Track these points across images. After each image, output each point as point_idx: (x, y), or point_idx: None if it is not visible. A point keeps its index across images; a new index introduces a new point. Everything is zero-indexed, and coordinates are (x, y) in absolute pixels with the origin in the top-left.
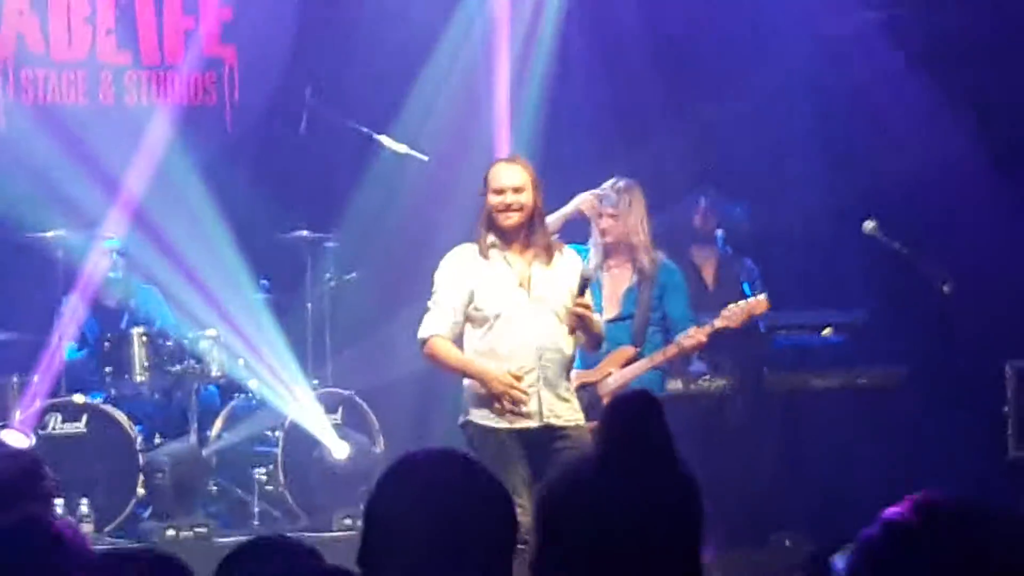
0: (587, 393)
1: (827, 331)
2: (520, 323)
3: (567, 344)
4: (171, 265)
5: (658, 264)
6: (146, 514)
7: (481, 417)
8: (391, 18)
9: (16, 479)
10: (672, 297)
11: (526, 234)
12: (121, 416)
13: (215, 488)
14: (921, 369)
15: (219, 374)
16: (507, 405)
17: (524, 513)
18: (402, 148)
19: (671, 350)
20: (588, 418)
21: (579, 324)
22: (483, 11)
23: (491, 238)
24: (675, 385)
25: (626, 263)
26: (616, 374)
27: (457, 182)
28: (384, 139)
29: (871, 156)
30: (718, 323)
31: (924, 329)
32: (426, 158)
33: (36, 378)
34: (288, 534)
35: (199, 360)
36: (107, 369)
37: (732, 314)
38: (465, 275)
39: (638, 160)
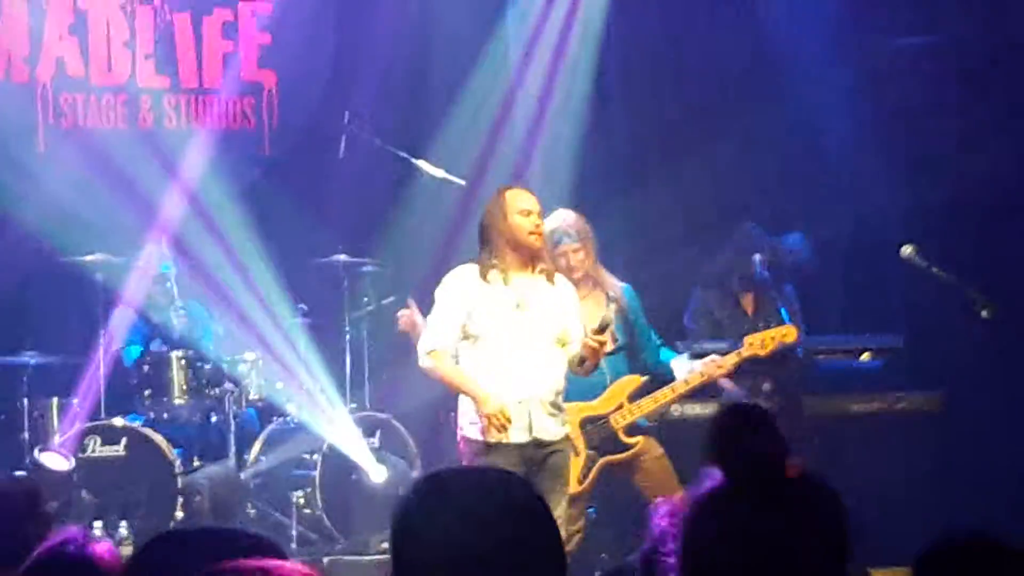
0: (597, 427)
1: (866, 356)
2: (515, 343)
3: (559, 364)
4: (210, 289)
5: (621, 289)
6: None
7: (476, 432)
8: (429, 42)
9: (16, 503)
10: (640, 318)
11: (537, 257)
12: (160, 439)
13: (253, 511)
14: (959, 395)
15: (257, 397)
16: (492, 428)
17: None
18: (439, 173)
19: (695, 379)
20: (602, 452)
21: (590, 355)
22: (520, 37)
23: (495, 260)
24: (709, 410)
25: (595, 293)
26: (637, 406)
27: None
28: (422, 164)
29: (910, 179)
30: (744, 352)
31: (963, 354)
32: (463, 183)
33: (76, 401)
34: (326, 557)
35: (238, 383)
36: (146, 392)
37: (759, 343)
38: (465, 294)
39: (670, 191)
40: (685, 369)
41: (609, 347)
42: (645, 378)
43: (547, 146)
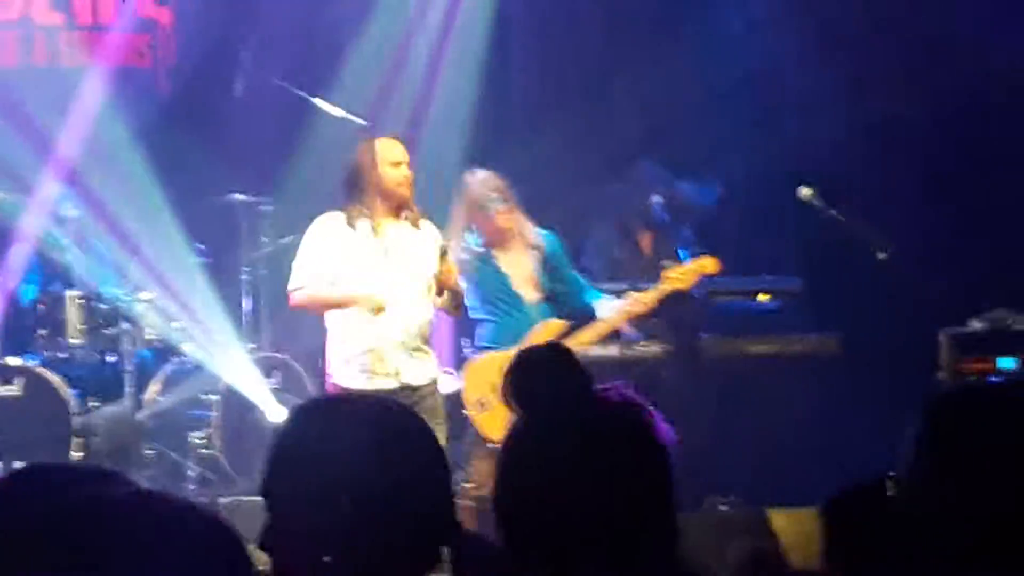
0: None
1: (763, 297)
2: (384, 289)
3: (427, 309)
4: (106, 228)
5: (540, 237)
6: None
7: (343, 378)
8: None
9: None
10: (563, 263)
11: (404, 205)
12: (56, 379)
13: (151, 452)
14: (855, 336)
15: (154, 337)
16: (373, 311)
17: None
18: (339, 112)
19: (618, 317)
20: None
21: (442, 285)
22: None
23: (363, 208)
24: (610, 351)
25: (517, 245)
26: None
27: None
28: (320, 102)
29: (805, 121)
30: (665, 286)
31: (859, 297)
32: (364, 122)
33: None
34: (223, 498)
35: (134, 323)
36: (41, 331)
37: (681, 275)
38: (332, 241)
39: (576, 127)
40: (607, 309)
41: (455, 274)
42: (566, 323)
43: (446, 86)
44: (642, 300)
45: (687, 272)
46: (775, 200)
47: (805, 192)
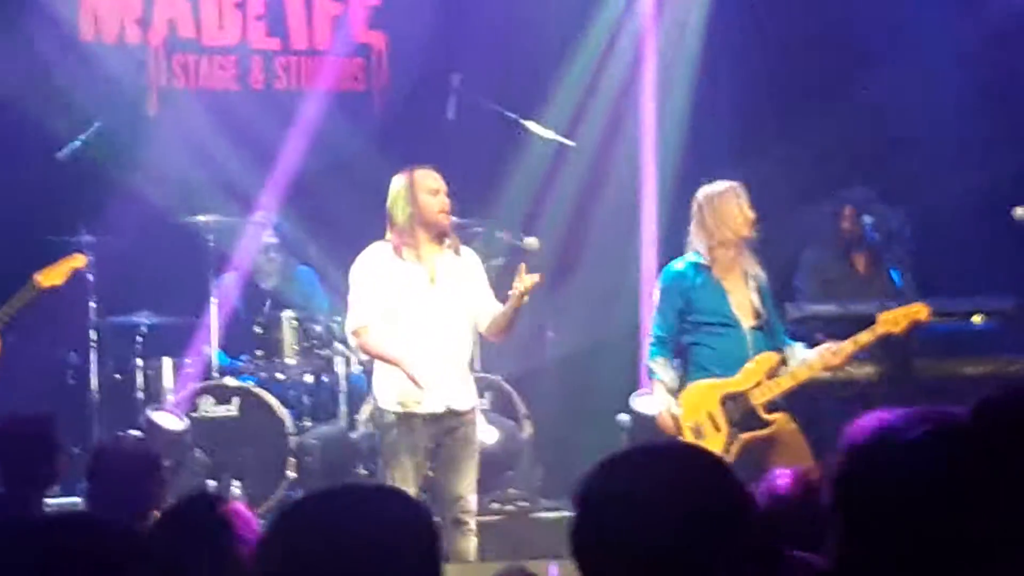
0: (738, 403)
1: (977, 318)
2: (430, 316)
3: (470, 336)
4: (320, 251)
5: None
6: (297, 496)
7: (392, 404)
8: (541, 2)
9: (137, 463)
10: (770, 296)
11: (444, 233)
12: (272, 399)
13: (364, 472)
14: None
15: (368, 358)
16: (416, 383)
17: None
18: (549, 134)
19: (837, 359)
20: (742, 429)
21: (515, 301)
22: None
23: (407, 238)
24: (822, 373)
25: (737, 270)
26: (776, 383)
27: (607, 171)
28: (531, 125)
29: (1020, 140)
30: (879, 329)
31: None
32: (574, 144)
33: (188, 361)
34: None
35: (348, 344)
36: (258, 352)
37: (893, 321)
38: (381, 271)
39: (777, 158)
40: (799, 359)
41: (524, 286)
42: (781, 355)
43: (659, 108)
44: (844, 352)
45: (900, 318)
46: (989, 221)
47: (1020, 211)
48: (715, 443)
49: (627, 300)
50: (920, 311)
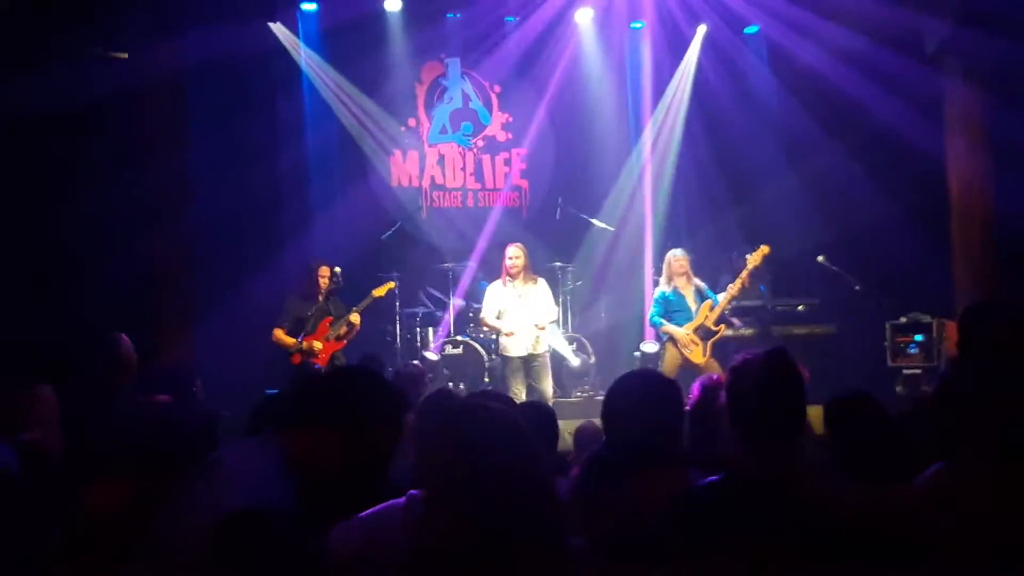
0: (701, 328)
1: (801, 307)
2: (519, 313)
3: (534, 328)
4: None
5: (704, 287)
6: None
7: (503, 350)
8: (590, 136)
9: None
10: (706, 294)
11: (524, 276)
12: (477, 345)
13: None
14: None
15: (488, 329)
16: (506, 342)
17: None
18: (601, 224)
19: (734, 290)
20: (707, 338)
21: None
22: (639, 113)
23: (507, 278)
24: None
25: (687, 284)
26: (712, 314)
27: (626, 230)
28: (595, 221)
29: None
30: (749, 265)
31: None
32: (612, 228)
33: (439, 331)
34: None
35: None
36: (471, 325)
37: (753, 260)
38: (494, 293)
39: (738, 214)
40: (719, 299)
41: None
42: (711, 301)
43: (656, 194)
44: (736, 286)
45: (757, 256)
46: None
47: (821, 259)
48: (698, 351)
49: (636, 298)
50: (765, 249)
